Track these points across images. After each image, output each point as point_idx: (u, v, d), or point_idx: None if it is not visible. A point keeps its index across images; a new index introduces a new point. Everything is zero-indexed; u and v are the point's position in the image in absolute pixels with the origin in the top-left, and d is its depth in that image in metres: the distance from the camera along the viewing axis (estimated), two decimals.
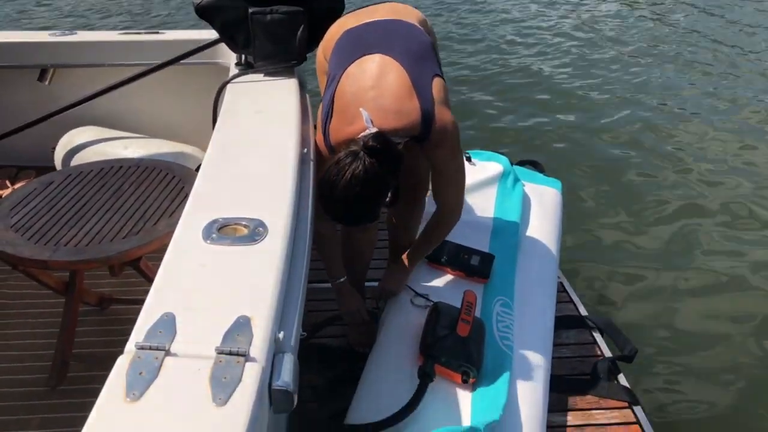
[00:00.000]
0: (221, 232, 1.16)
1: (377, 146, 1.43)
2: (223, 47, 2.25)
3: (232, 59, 2.06)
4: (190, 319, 0.95)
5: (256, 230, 1.17)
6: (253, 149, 1.49)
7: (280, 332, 0.99)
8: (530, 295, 1.98)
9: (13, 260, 1.69)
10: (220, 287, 1.03)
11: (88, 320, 2.10)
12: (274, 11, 1.88)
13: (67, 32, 2.71)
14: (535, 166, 2.71)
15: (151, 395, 0.82)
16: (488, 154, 2.54)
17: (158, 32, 2.73)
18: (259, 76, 1.93)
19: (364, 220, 1.57)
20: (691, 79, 5.19)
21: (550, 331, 1.94)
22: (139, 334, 0.92)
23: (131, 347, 0.89)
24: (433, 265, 2.01)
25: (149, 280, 1.98)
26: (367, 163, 1.41)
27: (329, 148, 1.59)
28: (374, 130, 1.46)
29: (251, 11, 1.88)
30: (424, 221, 1.93)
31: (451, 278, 1.98)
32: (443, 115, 1.52)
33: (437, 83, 1.54)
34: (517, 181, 2.41)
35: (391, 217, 2.01)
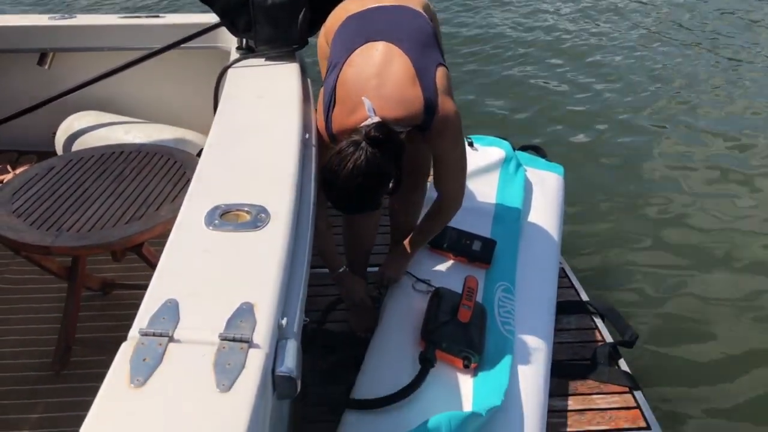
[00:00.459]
0: (224, 218, 1.16)
1: (379, 136, 1.42)
2: (223, 31, 2.24)
3: (233, 43, 2.05)
4: (193, 305, 0.95)
5: (258, 216, 1.17)
6: (254, 134, 1.49)
7: (283, 318, 0.99)
8: (532, 280, 1.98)
9: (15, 246, 1.69)
10: (223, 273, 1.03)
11: (90, 305, 2.11)
12: None
13: (66, 16, 2.69)
14: (537, 151, 2.70)
15: (155, 381, 0.83)
16: (490, 139, 2.54)
17: (158, 16, 2.71)
18: (260, 60, 1.92)
19: (366, 208, 1.57)
20: (694, 61, 5.16)
21: (551, 316, 1.95)
22: (142, 320, 0.92)
23: (135, 333, 0.90)
24: (434, 250, 2.01)
25: (151, 265, 1.98)
26: (368, 153, 1.41)
27: (331, 136, 1.58)
28: (376, 119, 1.46)
29: None
30: (425, 207, 1.93)
31: (452, 264, 1.98)
32: (446, 104, 1.51)
33: (440, 72, 1.53)
34: (519, 166, 2.40)
35: (392, 202, 2.01)
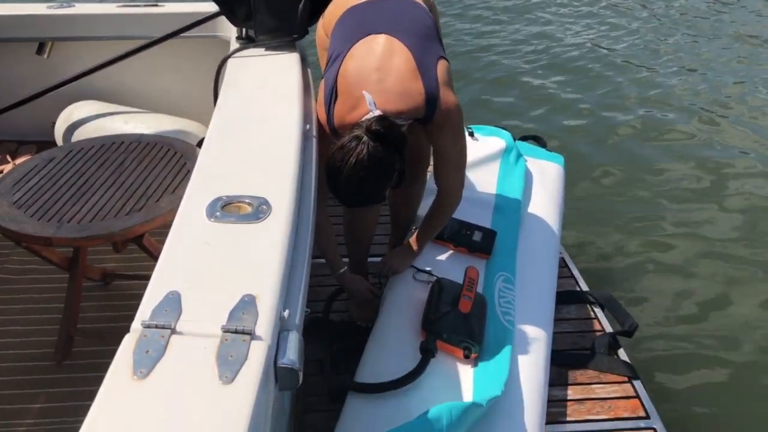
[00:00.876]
0: (225, 210, 1.16)
1: (380, 130, 1.42)
2: (223, 20, 2.23)
3: (232, 33, 2.03)
4: (195, 297, 0.95)
5: (259, 208, 1.16)
6: (255, 125, 1.48)
7: (285, 310, 0.99)
8: (532, 270, 1.99)
9: (16, 237, 1.69)
10: (224, 265, 1.03)
11: (91, 296, 2.11)
12: None
13: (65, 4, 2.67)
14: (537, 141, 2.70)
15: (158, 373, 0.83)
16: (491, 129, 2.53)
17: (158, 5, 2.69)
18: (260, 50, 1.91)
19: (371, 201, 1.56)
20: (704, 48, 5.14)
21: (551, 306, 1.95)
22: (144, 312, 0.92)
23: (137, 325, 0.90)
24: (435, 240, 2.01)
25: (152, 256, 1.99)
26: (370, 147, 1.41)
27: (333, 130, 1.58)
28: (378, 113, 1.45)
29: None
30: (427, 198, 1.92)
31: (453, 254, 1.99)
32: (447, 97, 1.51)
33: (442, 65, 1.53)
34: (519, 156, 2.40)
35: (392, 193, 2.01)
